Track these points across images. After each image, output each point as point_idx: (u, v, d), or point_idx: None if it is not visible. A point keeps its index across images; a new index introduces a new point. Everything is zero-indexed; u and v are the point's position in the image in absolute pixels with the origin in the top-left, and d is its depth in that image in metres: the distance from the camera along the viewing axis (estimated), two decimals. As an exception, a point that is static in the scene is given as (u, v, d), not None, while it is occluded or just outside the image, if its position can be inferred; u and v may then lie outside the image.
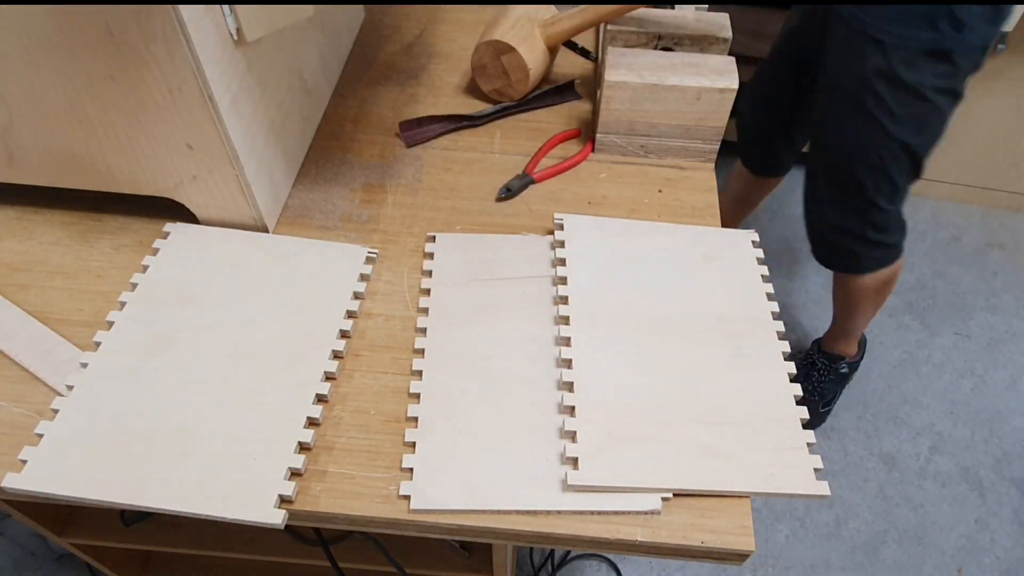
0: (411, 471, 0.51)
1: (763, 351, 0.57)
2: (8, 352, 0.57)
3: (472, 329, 0.59)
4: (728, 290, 0.61)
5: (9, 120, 0.57)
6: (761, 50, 1.18)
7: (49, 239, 0.65)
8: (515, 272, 0.63)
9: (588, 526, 0.49)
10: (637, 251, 0.64)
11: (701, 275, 0.62)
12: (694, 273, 0.62)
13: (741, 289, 0.62)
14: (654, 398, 0.54)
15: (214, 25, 0.53)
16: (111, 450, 0.50)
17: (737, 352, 0.57)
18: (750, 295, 0.61)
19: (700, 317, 0.59)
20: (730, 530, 0.50)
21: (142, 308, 0.59)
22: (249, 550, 0.80)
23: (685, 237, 0.66)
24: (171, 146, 0.58)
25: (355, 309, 0.60)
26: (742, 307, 0.60)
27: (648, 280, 0.62)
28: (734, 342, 0.58)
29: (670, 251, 0.64)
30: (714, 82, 0.68)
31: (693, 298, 0.61)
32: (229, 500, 0.48)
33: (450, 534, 0.51)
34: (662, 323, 0.59)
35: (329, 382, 0.55)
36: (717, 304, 0.60)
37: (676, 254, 0.64)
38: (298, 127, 0.72)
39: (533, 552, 1.22)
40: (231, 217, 0.64)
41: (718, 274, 0.62)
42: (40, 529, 0.75)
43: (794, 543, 1.23)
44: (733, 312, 0.60)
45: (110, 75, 0.52)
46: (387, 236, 0.67)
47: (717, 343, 0.58)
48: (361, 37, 0.88)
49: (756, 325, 0.59)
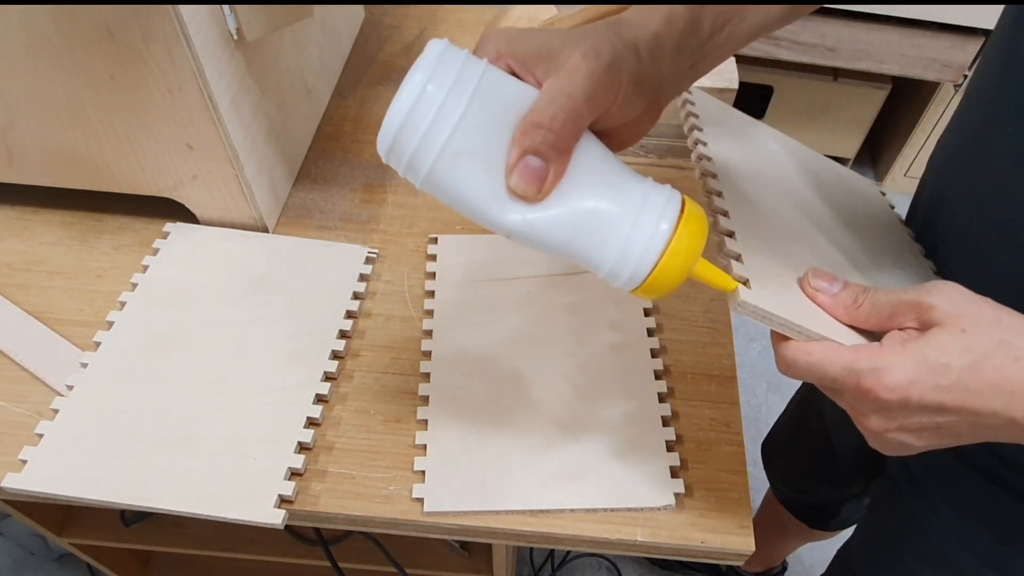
0: (423, 473, 0.51)
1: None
2: (8, 352, 0.57)
3: (478, 330, 0.59)
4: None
5: (9, 120, 0.57)
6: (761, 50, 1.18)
7: (49, 239, 0.65)
8: (517, 272, 0.63)
9: (588, 526, 0.49)
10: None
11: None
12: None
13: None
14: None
15: (214, 25, 0.53)
16: (111, 450, 0.50)
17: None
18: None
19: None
20: (730, 530, 0.50)
21: (142, 308, 0.59)
22: (249, 550, 0.80)
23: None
24: (171, 146, 0.58)
25: (355, 309, 0.60)
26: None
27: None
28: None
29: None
30: (714, 82, 0.68)
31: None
32: (229, 500, 0.48)
33: (451, 534, 0.51)
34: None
35: (329, 382, 0.55)
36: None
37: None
38: (298, 127, 0.72)
39: (533, 552, 1.22)
40: (231, 217, 0.64)
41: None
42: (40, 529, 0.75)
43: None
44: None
45: (110, 75, 0.52)
46: (387, 236, 0.67)
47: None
48: (361, 37, 0.88)
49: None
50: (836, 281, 0.39)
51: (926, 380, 0.34)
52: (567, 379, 0.56)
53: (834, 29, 1.46)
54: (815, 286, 0.39)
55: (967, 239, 0.50)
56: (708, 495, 0.51)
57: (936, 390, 0.34)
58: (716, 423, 0.55)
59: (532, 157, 0.32)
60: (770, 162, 0.54)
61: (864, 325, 0.38)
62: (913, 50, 1.46)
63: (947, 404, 0.34)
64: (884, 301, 0.37)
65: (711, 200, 0.43)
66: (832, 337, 0.37)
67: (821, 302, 0.39)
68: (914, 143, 1.71)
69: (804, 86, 1.66)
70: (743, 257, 0.39)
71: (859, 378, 0.35)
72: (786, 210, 0.49)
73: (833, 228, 0.50)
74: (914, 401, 0.34)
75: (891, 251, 0.52)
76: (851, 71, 1.58)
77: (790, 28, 1.47)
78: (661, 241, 0.33)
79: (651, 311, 0.61)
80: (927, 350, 0.34)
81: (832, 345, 0.36)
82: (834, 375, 0.36)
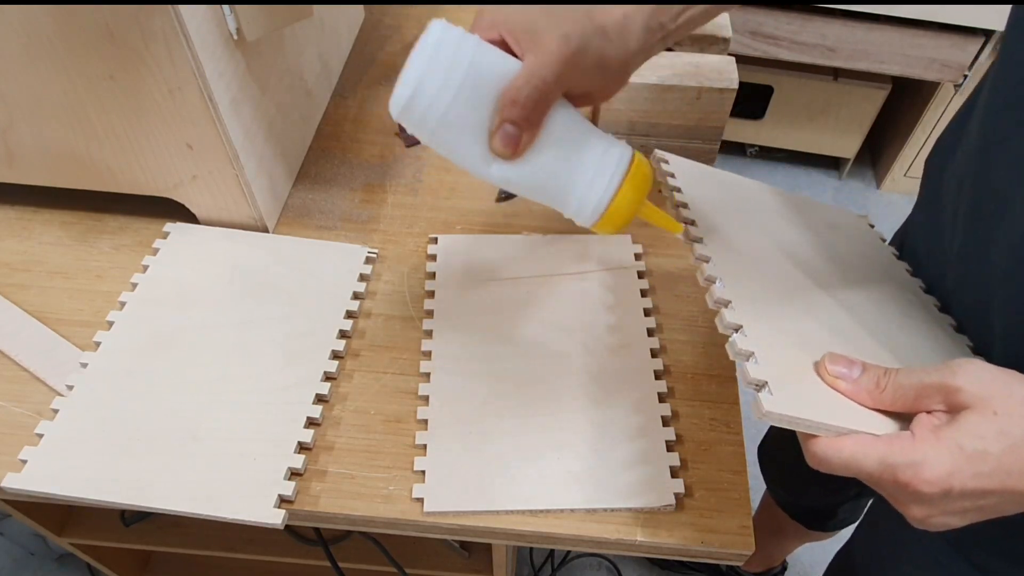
0: (423, 473, 0.51)
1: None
2: (8, 352, 0.57)
3: (478, 331, 0.59)
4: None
5: (9, 120, 0.57)
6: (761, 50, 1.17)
7: (49, 239, 0.65)
8: (517, 272, 0.63)
9: (588, 526, 0.49)
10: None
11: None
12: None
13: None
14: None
15: (214, 25, 0.53)
16: (111, 450, 0.50)
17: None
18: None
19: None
20: (730, 530, 0.50)
21: (142, 308, 0.59)
22: (249, 550, 0.80)
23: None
24: (171, 146, 0.58)
25: (355, 309, 0.60)
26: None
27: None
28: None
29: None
30: (714, 82, 0.68)
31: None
32: (229, 500, 0.48)
33: (451, 534, 0.51)
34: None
35: (329, 382, 0.55)
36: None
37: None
38: (298, 127, 0.72)
39: (533, 552, 1.22)
40: (231, 217, 0.64)
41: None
42: (40, 529, 0.75)
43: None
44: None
45: (110, 75, 0.52)
46: (387, 236, 0.67)
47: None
48: (361, 37, 0.88)
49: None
50: (854, 365, 0.39)
51: (965, 469, 0.33)
52: (567, 379, 0.56)
53: (834, 29, 1.46)
54: (834, 373, 0.39)
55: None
56: (708, 495, 0.51)
57: (976, 478, 0.33)
58: (716, 423, 0.55)
59: (509, 126, 0.39)
60: (758, 216, 0.53)
61: (889, 408, 0.38)
62: (913, 50, 1.46)
63: (989, 489, 0.34)
64: (908, 384, 0.37)
65: (700, 266, 0.43)
66: (861, 428, 0.36)
67: (843, 389, 0.38)
68: (914, 143, 1.71)
69: (804, 86, 1.66)
70: (745, 329, 0.38)
71: (896, 472, 0.34)
72: (783, 269, 0.48)
73: (833, 282, 0.49)
74: (956, 491, 0.33)
75: (895, 299, 0.51)
76: (851, 71, 1.58)
77: (790, 28, 1.47)
78: (614, 185, 0.41)
79: (651, 311, 0.61)
80: (962, 438, 0.34)
81: (864, 438, 0.36)
82: (870, 470, 0.35)
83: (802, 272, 0.49)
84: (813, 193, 1.87)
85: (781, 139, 1.81)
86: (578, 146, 0.41)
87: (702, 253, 0.44)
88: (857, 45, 1.48)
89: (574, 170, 0.41)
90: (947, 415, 0.35)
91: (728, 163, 1.91)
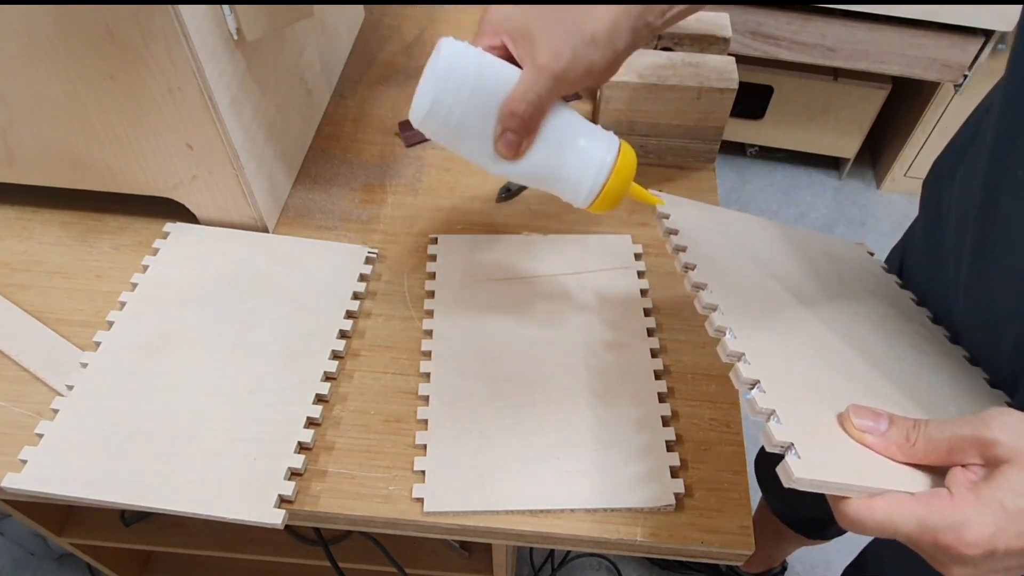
0: (423, 473, 0.51)
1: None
2: (8, 352, 0.57)
3: (478, 331, 0.59)
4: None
5: (9, 120, 0.57)
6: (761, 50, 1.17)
7: (49, 239, 0.65)
8: (517, 272, 0.63)
9: (588, 526, 0.49)
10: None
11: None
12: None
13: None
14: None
15: (214, 25, 0.53)
16: (111, 450, 0.50)
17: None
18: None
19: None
20: (730, 530, 0.50)
21: (142, 308, 0.59)
22: (249, 550, 0.80)
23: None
24: (171, 146, 0.58)
25: (355, 309, 0.60)
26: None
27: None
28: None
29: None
30: (714, 82, 0.68)
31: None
32: (229, 500, 0.48)
33: (451, 534, 0.51)
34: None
35: (329, 382, 0.55)
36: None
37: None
38: (298, 127, 0.72)
39: (533, 552, 1.22)
40: (231, 217, 0.64)
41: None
42: (40, 529, 0.75)
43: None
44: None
45: (110, 75, 0.52)
46: (387, 236, 0.67)
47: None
48: (361, 37, 0.88)
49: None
50: (881, 417, 0.37)
51: (1009, 529, 0.32)
52: (567, 379, 0.56)
53: (834, 29, 1.46)
54: (860, 427, 0.37)
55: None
56: (708, 495, 0.51)
57: (1021, 536, 0.32)
58: (716, 423, 0.55)
59: (509, 133, 0.44)
60: (758, 253, 0.52)
61: (921, 462, 0.36)
62: (913, 50, 1.46)
63: None
64: (940, 437, 0.36)
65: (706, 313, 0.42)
66: (893, 486, 0.35)
67: (870, 444, 0.37)
68: (914, 143, 1.71)
69: (804, 86, 1.66)
70: (762, 384, 0.37)
71: (936, 535, 0.33)
72: (792, 313, 0.47)
73: (842, 322, 0.48)
74: (1000, 551, 0.32)
75: (905, 332, 0.50)
76: (851, 71, 1.58)
77: (790, 28, 1.47)
78: (604, 172, 0.46)
79: (651, 311, 0.61)
80: (1003, 496, 0.32)
81: (899, 498, 0.34)
82: (908, 532, 0.34)
83: (810, 313, 0.47)
84: (813, 193, 1.87)
85: (781, 139, 1.81)
86: (572, 141, 0.46)
87: (709, 302, 0.42)
88: (857, 45, 1.48)
89: (570, 162, 0.46)
90: (983, 469, 0.34)
91: (728, 163, 1.91)
